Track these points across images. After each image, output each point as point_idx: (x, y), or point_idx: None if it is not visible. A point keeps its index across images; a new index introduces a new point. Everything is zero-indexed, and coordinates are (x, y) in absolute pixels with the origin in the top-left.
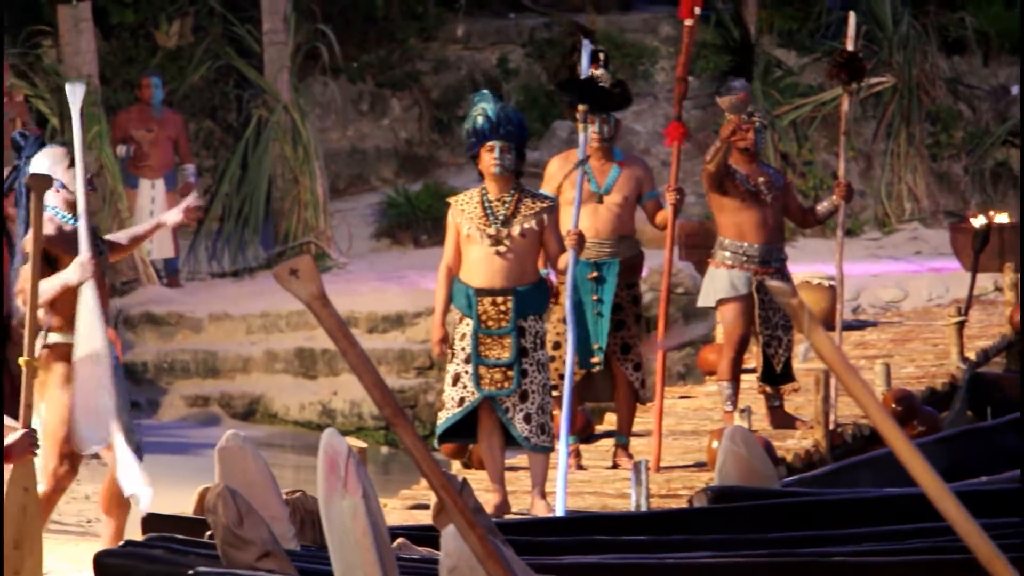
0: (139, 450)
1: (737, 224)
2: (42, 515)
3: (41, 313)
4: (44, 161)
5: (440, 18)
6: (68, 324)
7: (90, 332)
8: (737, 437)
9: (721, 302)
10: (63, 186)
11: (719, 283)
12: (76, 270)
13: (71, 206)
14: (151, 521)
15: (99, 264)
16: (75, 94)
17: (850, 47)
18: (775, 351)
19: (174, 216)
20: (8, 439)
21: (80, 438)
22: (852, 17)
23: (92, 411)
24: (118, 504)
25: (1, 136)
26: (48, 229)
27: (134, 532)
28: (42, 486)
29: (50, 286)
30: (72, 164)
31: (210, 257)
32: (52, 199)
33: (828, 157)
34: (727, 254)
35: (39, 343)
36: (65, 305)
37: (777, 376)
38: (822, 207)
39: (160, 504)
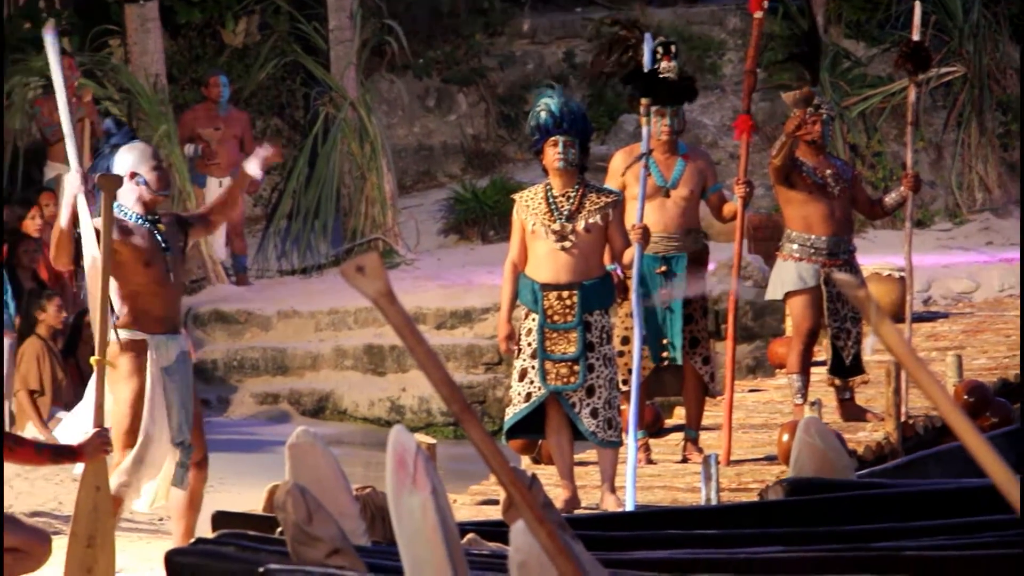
0: (184, 446)
1: (804, 216)
2: (114, 510)
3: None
4: (129, 156)
5: (506, 13)
6: (135, 320)
7: (87, 236)
8: (812, 428)
9: (789, 295)
10: (145, 182)
11: (787, 276)
12: (67, 190)
13: (145, 205)
14: (221, 519)
15: (175, 260)
16: (48, 35)
17: (916, 37)
18: (844, 343)
19: (258, 158)
20: (80, 438)
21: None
22: (918, 7)
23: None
24: (189, 502)
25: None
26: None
27: (205, 530)
28: (113, 481)
29: (57, 221)
30: (158, 165)
31: (278, 255)
32: (126, 196)
33: (897, 148)
34: (795, 247)
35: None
36: (133, 301)
37: (846, 368)
38: (890, 198)
39: (230, 501)
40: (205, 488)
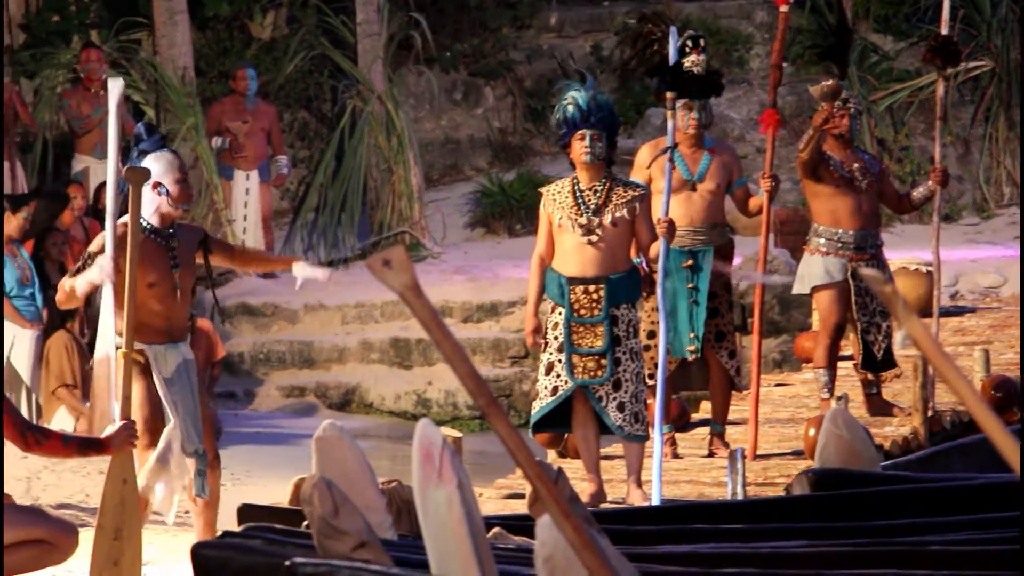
0: (198, 454)
1: (832, 211)
2: (141, 510)
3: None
4: (155, 165)
5: (533, 6)
6: (135, 331)
7: (105, 333)
8: (839, 419)
9: (816, 289)
10: (167, 193)
11: (814, 270)
12: (95, 270)
13: (162, 217)
14: (247, 512)
15: (184, 275)
16: (114, 88)
17: (944, 31)
18: (874, 338)
19: (310, 272)
20: (107, 430)
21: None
22: (946, 1)
23: (108, 414)
24: (207, 500)
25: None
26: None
27: (231, 523)
28: (142, 479)
29: (75, 283)
30: (183, 179)
31: (305, 248)
32: (145, 206)
33: (925, 142)
34: (822, 241)
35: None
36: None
37: (878, 363)
38: (918, 192)
39: (257, 494)
40: (229, 481)
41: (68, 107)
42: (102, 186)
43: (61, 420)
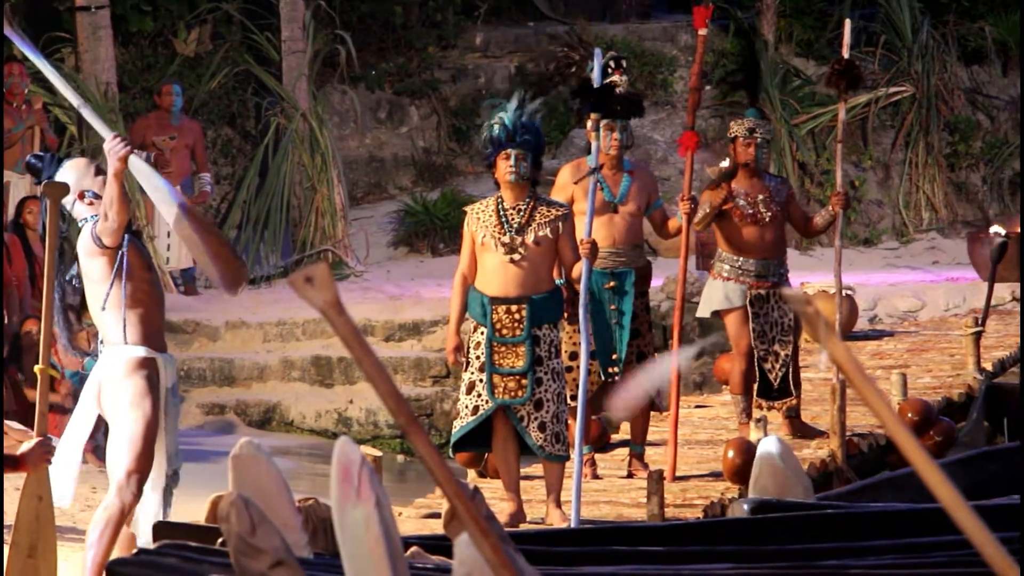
0: (175, 476)
1: (734, 239)
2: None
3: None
4: (70, 174)
5: (459, 26)
6: (146, 337)
7: (162, 197)
8: (774, 448)
9: (720, 313)
10: (95, 195)
11: (715, 294)
12: (109, 159)
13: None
14: (163, 529)
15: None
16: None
17: (846, 55)
18: (771, 366)
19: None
20: (23, 447)
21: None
22: (847, 24)
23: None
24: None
25: (1, 133)
26: (89, 244)
27: (147, 540)
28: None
29: (111, 194)
30: (99, 171)
31: None
32: (86, 211)
33: (847, 166)
34: (726, 267)
35: (123, 354)
36: (142, 312)
37: (774, 391)
38: (820, 217)
39: (175, 511)
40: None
41: None
42: (23, 200)
43: None
